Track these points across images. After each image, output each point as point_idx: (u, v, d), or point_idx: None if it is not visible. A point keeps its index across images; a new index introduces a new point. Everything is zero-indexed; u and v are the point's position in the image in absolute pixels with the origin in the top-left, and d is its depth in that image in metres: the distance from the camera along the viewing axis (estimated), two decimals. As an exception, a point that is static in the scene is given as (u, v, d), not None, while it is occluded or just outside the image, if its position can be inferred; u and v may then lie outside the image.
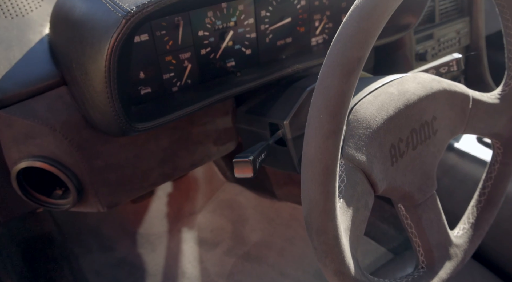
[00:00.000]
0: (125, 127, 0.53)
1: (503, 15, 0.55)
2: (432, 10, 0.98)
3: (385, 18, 0.38)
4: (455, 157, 0.92)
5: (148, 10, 0.45)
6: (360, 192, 0.46)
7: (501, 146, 0.63)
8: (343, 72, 0.36)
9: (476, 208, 0.64)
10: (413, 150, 0.53)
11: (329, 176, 0.38)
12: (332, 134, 0.37)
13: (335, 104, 0.36)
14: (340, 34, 0.37)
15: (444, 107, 0.56)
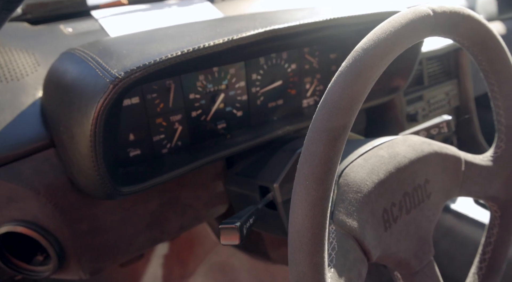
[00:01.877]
0: (110, 191, 0.52)
1: (488, 80, 0.56)
2: (421, 73, 1.01)
3: (369, 84, 0.38)
4: (454, 220, 0.90)
5: (136, 76, 0.45)
6: (352, 261, 0.44)
7: (498, 209, 0.62)
8: (328, 138, 0.36)
9: (477, 275, 0.61)
10: (406, 214, 0.52)
11: (317, 246, 0.36)
12: (319, 201, 0.36)
13: (321, 170, 0.35)
14: (325, 100, 0.37)
15: (437, 170, 0.55)
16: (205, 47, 0.51)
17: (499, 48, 0.53)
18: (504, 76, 0.56)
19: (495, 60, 0.54)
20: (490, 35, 0.51)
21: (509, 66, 0.55)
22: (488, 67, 0.55)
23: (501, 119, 0.59)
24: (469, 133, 1.11)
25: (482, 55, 0.53)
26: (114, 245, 0.65)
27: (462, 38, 0.49)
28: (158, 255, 1.34)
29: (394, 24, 0.40)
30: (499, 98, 0.58)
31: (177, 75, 0.63)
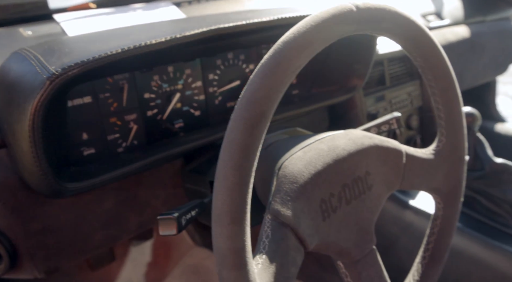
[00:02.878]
0: (55, 187, 0.53)
1: (425, 76, 0.58)
2: (382, 73, 1.03)
3: (289, 75, 0.40)
4: (413, 215, 0.92)
5: (74, 72, 0.47)
6: (285, 248, 0.45)
7: (441, 201, 0.64)
8: (246, 126, 0.37)
9: (421, 264, 0.63)
10: (346, 205, 0.53)
11: (237, 231, 0.37)
12: (237, 187, 0.37)
13: (239, 157, 0.37)
14: (245, 91, 0.39)
15: (377, 163, 0.57)
16: (143, 45, 0.52)
17: (432, 44, 0.55)
18: (440, 72, 0.58)
19: (429, 56, 0.56)
20: (421, 32, 0.54)
21: (443, 61, 0.58)
22: (423, 63, 0.57)
23: (441, 114, 0.62)
24: (432, 132, 1.14)
25: (416, 52, 0.55)
26: (69, 244, 0.66)
27: (392, 34, 0.52)
28: (132, 258, 1.34)
29: (315, 18, 0.42)
30: (437, 93, 0.60)
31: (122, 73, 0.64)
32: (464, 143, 0.63)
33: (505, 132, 1.79)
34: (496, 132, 1.82)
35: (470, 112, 0.89)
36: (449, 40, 1.36)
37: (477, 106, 1.94)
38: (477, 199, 0.88)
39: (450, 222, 0.64)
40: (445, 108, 0.61)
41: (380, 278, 0.57)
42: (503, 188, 0.84)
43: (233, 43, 0.73)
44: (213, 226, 0.38)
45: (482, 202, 0.88)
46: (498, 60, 1.60)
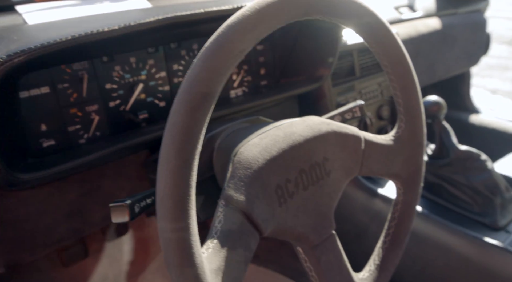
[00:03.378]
0: (9, 179, 0.52)
1: (382, 62, 0.59)
2: (352, 64, 1.04)
3: (232, 58, 0.40)
4: (382, 204, 0.93)
5: (20, 59, 0.46)
6: (238, 233, 0.46)
7: (401, 186, 0.65)
8: (187, 108, 0.37)
9: (381, 249, 0.64)
10: (304, 190, 0.54)
11: (179, 213, 0.37)
12: (179, 169, 0.37)
13: (181, 139, 0.37)
14: (187, 74, 0.39)
15: (335, 149, 0.57)
16: (95, 33, 0.52)
17: (385, 30, 0.56)
18: (396, 57, 0.59)
19: (384, 42, 0.57)
20: (374, 18, 0.54)
21: (398, 47, 0.58)
22: (379, 49, 0.57)
23: (399, 100, 0.62)
24: (402, 122, 1.15)
25: (370, 38, 0.56)
26: (30, 237, 0.65)
27: (344, 20, 0.52)
28: (108, 254, 1.33)
29: (261, 2, 0.42)
30: (394, 80, 0.61)
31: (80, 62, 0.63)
32: (423, 129, 0.64)
33: (479, 123, 1.83)
34: (471, 123, 1.86)
35: (436, 101, 0.90)
36: (420, 32, 1.37)
37: (452, 98, 1.97)
38: (443, 186, 0.90)
39: (410, 207, 0.65)
40: (403, 94, 0.62)
41: (339, 263, 0.57)
42: (466, 175, 0.86)
43: (195, 32, 0.73)
44: (156, 209, 0.38)
45: (448, 189, 0.89)
46: (470, 52, 1.63)
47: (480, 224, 0.83)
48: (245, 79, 0.87)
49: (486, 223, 0.82)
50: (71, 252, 1.12)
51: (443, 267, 0.82)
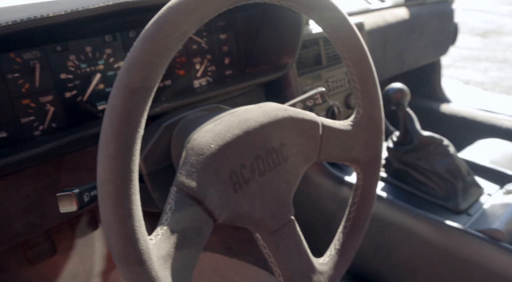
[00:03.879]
0: None
1: (337, 47, 0.59)
2: (318, 53, 1.04)
3: (173, 41, 0.39)
4: (348, 191, 0.94)
5: None
6: (189, 219, 0.45)
7: (361, 171, 0.65)
8: (125, 92, 0.36)
9: (342, 234, 0.64)
10: (260, 176, 0.53)
11: (121, 198, 0.37)
12: (118, 153, 0.36)
13: (119, 123, 0.36)
14: (127, 56, 0.38)
15: (292, 134, 0.57)
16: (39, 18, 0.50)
17: (339, 15, 0.56)
18: (351, 43, 0.59)
19: (339, 27, 0.57)
20: (328, 4, 0.54)
21: (353, 32, 0.58)
22: (334, 35, 0.57)
23: (356, 86, 0.63)
24: (370, 110, 1.16)
25: (323, 23, 0.56)
26: (-16, 232, 0.63)
27: (296, 4, 0.51)
28: (78, 252, 1.31)
29: None
30: (350, 65, 0.61)
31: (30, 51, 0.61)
32: (381, 114, 0.65)
33: (450, 111, 1.86)
34: (442, 112, 1.89)
35: (400, 88, 0.91)
36: (388, 22, 1.39)
37: (423, 88, 2.00)
38: (408, 172, 0.91)
39: (370, 191, 0.65)
40: (360, 80, 0.62)
41: (298, 248, 0.57)
42: (430, 160, 0.87)
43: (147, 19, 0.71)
44: (98, 195, 0.37)
45: (412, 175, 0.90)
46: (438, 42, 1.65)
47: (443, 208, 0.85)
48: (209, 68, 0.86)
49: (449, 207, 0.84)
50: (37, 250, 1.10)
51: (407, 251, 0.83)
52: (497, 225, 0.73)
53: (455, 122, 1.84)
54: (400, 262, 0.86)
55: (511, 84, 3.82)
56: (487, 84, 3.86)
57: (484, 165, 0.96)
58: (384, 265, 0.89)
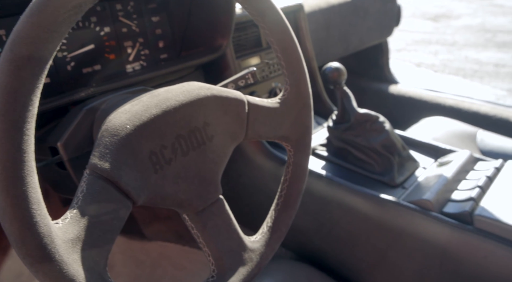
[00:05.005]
0: None
1: (259, 23, 0.59)
2: (258, 35, 1.04)
3: (62, 14, 0.37)
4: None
5: None
6: (102, 201, 0.44)
7: (292, 149, 0.66)
8: (10, 67, 0.34)
9: (274, 211, 0.65)
10: (184, 156, 0.53)
11: (12, 179, 0.35)
12: (5, 133, 0.34)
13: (5, 101, 0.34)
14: (13, 30, 0.36)
15: (217, 113, 0.56)
16: None
17: None
18: (271, 18, 0.59)
19: (258, 1, 0.56)
20: None
21: (273, 7, 0.58)
22: (254, 11, 0.57)
23: (282, 62, 0.63)
24: (314, 91, 1.17)
25: None
26: None
27: None
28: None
29: None
30: (273, 42, 0.60)
31: None
32: (308, 91, 0.65)
33: (398, 92, 1.91)
34: (390, 93, 1.94)
35: (336, 67, 0.92)
36: (331, 3, 1.40)
37: (372, 70, 2.04)
38: (348, 150, 0.93)
39: (301, 168, 0.66)
40: (284, 56, 0.62)
41: (228, 227, 0.57)
42: (367, 137, 0.89)
43: None
44: None
45: (352, 152, 0.92)
46: (382, 23, 1.69)
47: (381, 182, 0.87)
48: (142, 52, 0.84)
49: (385, 181, 0.86)
50: None
51: (347, 227, 0.85)
52: (427, 195, 0.76)
53: (402, 102, 1.90)
54: (341, 237, 0.88)
55: (459, 66, 3.98)
56: (438, 66, 4.00)
57: (420, 140, 1.00)
58: (326, 241, 0.91)
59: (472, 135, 1.46)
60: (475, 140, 1.44)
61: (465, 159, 0.88)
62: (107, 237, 0.44)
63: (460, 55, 4.29)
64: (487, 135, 1.44)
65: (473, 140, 1.45)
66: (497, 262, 0.66)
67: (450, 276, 0.73)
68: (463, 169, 0.86)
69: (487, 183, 0.78)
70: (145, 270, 1.22)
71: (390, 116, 1.96)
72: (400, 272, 0.80)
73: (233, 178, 1.07)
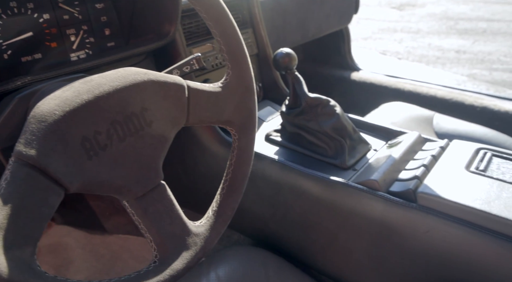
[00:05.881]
0: None
1: (196, 7, 0.58)
2: (210, 22, 1.03)
3: None
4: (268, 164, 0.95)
5: None
6: (27, 188, 0.43)
7: (236, 133, 0.66)
8: None
9: (220, 195, 0.65)
10: (120, 142, 0.52)
11: None
12: None
13: None
14: None
15: (155, 98, 0.56)
16: None
17: None
18: (207, 2, 0.58)
19: None
20: None
21: None
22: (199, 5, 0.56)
23: (222, 46, 0.62)
24: (270, 78, 1.18)
25: None
26: None
27: None
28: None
29: None
30: (212, 25, 0.60)
31: None
32: (250, 74, 0.65)
33: (359, 79, 1.94)
34: (352, 80, 1.96)
35: (287, 52, 0.92)
36: (287, -9, 1.40)
37: (334, 57, 2.06)
38: (301, 135, 0.94)
39: (246, 151, 0.66)
40: (224, 40, 0.61)
41: (170, 212, 0.57)
42: (319, 121, 0.90)
43: None
44: None
45: (305, 137, 0.93)
46: (341, 10, 1.70)
47: (333, 166, 0.88)
48: (87, 40, 0.82)
49: (337, 164, 0.87)
50: None
51: (300, 210, 0.87)
52: (375, 176, 0.78)
53: (364, 88, 1.93)
54: (295, 221, 0.89)
55: (423, 53, 4.07)
56: (402, 53, 4.08)
57: (372, 123, 1.02)
58: (282, 226, 0.92)
59: (429, 118, 1.50)
60: (432, 123, 1.48)
61: (413, 140, 0.90)
62: (34, 225, 0.43)
63: (423, 43, 4.39)
64: (442, 118, 1.49)
65: (430, 123, 1.49)
66: (438, 236, 0.69)
67: (396, 252, 0.75)
68: (412, 150, 0.88)
69: (432, 161, 0.81)
70: (106, 264, 1.21)
71: (352, 103, 1.99)
72: (350, 251, 0.82)
73: (189, 167, 1.07)
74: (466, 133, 1.40)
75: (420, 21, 5.27)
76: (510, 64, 3.63)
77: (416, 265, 0.73)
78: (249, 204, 0.96)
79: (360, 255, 0.81)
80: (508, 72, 3.45)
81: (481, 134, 1.39)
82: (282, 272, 0.83)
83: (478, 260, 0.67)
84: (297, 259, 0.92)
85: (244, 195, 0.96)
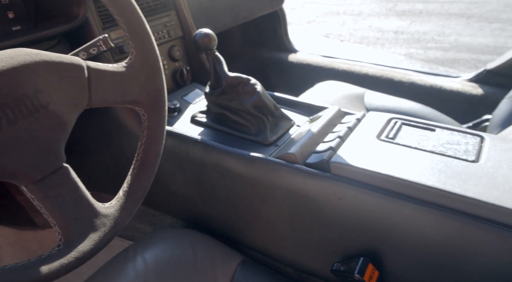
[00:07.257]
0: None
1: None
2: (129, 5, 1.01)
3: None
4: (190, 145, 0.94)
5: None
6: None
7: (145, 113, 0.65)
8: None
9: (131, 176, 0.65)
10: (12, 125, 0.50)
11: None
12: None
13: None
14: None
15: (50, 79, 0.54)
16: None
17: None
18: None
19: None
20: None
21: None
22: None
23: (122, 25, 0.61)
24: (197, 61, 1.17)
25: None
26: None
27: None
28: None
29: None
30: (108, 4, 0.59)
31: None
32: (155, 52, 0.65)
33: (296, 60, 1.97)
34: (290, 61, 1.99)
35: (206, 33, 0.92)
36: (214, -28, 1.39)
37: (272, 40, 2.08)
38: (225, 114, 0.94)
39: (156, 131, 0.66)
40: (122, 18, 0.60)
41: (75, 195, 0.56)
42: (240, 100, 0.91)
43: None
44: None
45: (229, 116, 0.94)
46: (272, -8, 1.71)
47: (256, 143, 0.90)
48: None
49: (259, 141, 0.89)
50: None
51: (225, 187, 0.88)
52: (292, 149, 0.80)
53: (301, 69, 1.96)
54: (221, 199, 0.90)
55: (363, 35, 4.19)
56: (344, 35, 4.18)
57: (296, 100, 1.04)
58: (209, 205, 0.93)
59: (360, 95, 1.55)
60: (363, 100, 1.54)
61: (333, 114, 0.94)
62: None
63: (364, 25, 4.51)
64: (373, 95, 1.55)
65: (361, 100, 1.54)
66: (350, 202, 0.72)
67: (315, 221, 0.78)
68: (331, 123, 0.91)
69: (347, 133, 0.84)
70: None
71: (290, 83, 2.02)
72: (273, 224, 0.84)
73: (116, 153, 1.05)
74: (394, 108, 1.46)
75: (361, 4, 5.40)
76: (443, 42, 3.82)
77: (333, 232, 0.77)
78: (177, 186, 0.96)
79: (283, 228, 0.83)
80: (441, 50, 3.63)
81: (407, 107, 1.46)
82: (211, 250, 0.84)
83: (388, 223, 0.71)
84: (226, 237, 0.93)
85: (171, 178, 0.96)
